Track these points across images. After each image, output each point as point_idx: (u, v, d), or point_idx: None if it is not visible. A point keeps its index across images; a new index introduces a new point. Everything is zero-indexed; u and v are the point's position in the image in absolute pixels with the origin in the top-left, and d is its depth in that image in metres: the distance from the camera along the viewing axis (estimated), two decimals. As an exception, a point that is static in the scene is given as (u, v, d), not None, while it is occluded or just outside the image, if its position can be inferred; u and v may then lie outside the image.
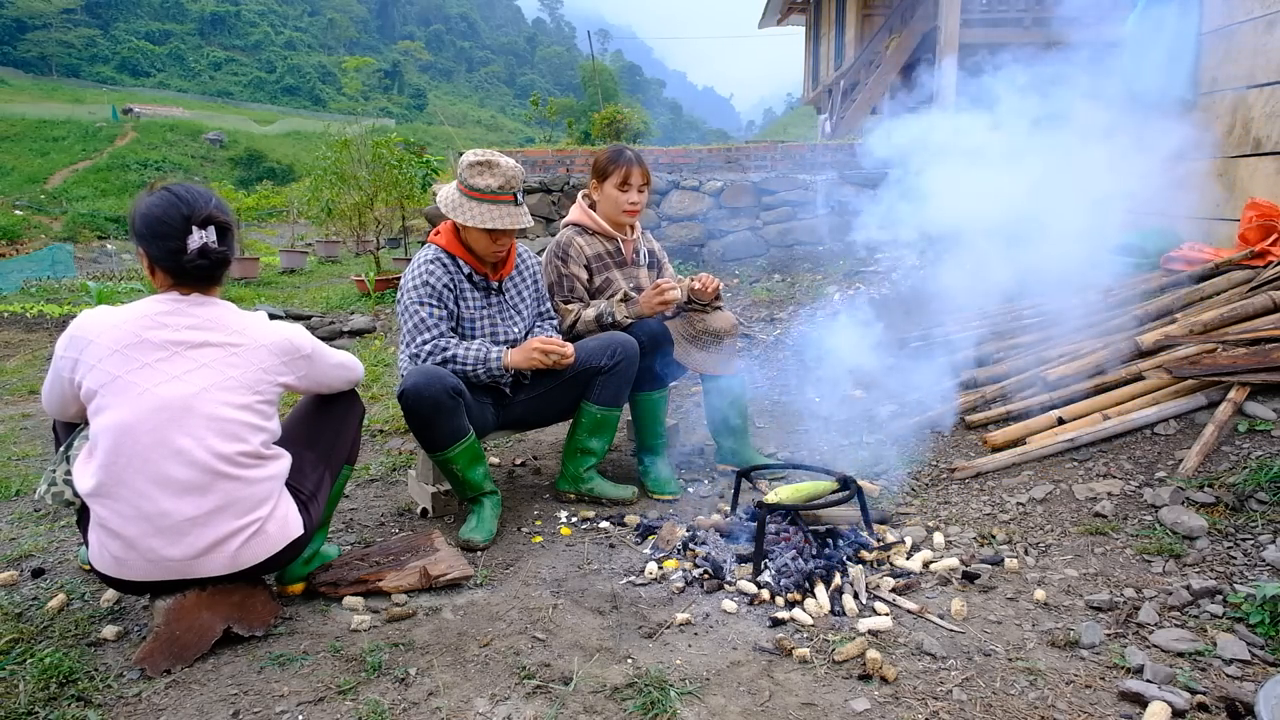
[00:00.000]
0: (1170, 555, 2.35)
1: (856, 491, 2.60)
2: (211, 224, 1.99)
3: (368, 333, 6.80)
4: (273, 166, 41.12)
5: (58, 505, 2.13)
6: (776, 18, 19.02)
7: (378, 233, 10.95)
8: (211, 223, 1.99)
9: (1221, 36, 4.60)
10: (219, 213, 2.02)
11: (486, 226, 2.71)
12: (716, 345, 3.30)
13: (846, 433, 3.58)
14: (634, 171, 3.17)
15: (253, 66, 77.35)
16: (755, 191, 6.98)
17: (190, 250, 1.96)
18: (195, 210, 1.97)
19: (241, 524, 2.00)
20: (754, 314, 5.71)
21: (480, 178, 2.71)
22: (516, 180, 2.74)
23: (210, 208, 2.00)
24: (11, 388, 5.45)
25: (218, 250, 2.00)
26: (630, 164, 3.17)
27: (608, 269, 3.26)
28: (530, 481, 3.40)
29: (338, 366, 2.30)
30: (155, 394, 1.91)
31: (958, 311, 4.62)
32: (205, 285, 2.05)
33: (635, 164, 3.18)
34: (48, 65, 63.01)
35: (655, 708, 1.78)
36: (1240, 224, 4.06)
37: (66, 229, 25.29)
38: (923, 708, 1.78)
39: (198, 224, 1.96)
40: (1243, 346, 3.07)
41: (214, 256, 1.99)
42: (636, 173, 3.18)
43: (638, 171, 3.18)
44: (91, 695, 1.86)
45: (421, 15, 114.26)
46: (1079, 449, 2.97)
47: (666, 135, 52.47)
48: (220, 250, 2.01)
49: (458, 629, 2.15)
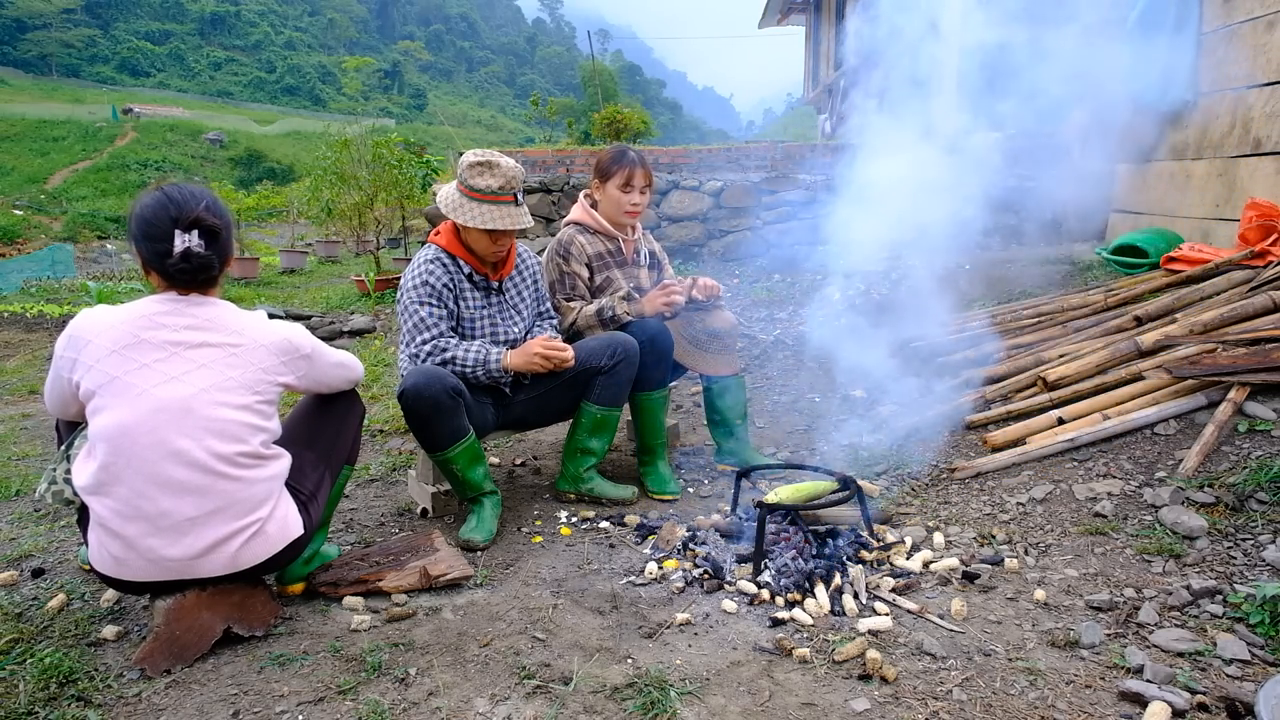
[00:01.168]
0: (1170, 555, 2.35)
1: (856, 491, 2.60)
2: (197, 227, 1.95)
3: (368, 333, 6.80)
4: (273, 166, 41.11)
5: (58, 504, 2.13)
6: (776, 18, 19.01)
7: (378, 233, 10.94)
8: (197, 225, 1.95)
9: (1221, 36, 4.60)
10: (207, 215, 1.97)
11: (487, 227, 2.71)
12: (716, 345, 3.30)
13: (846, 433, 3.58)
14: (636, 173, 3.18)
15: (253, 66, 77.35)
16: (755, 191, 6.97)
17: (174, 253, 1.93)
18: (183, 213, 1.94)
19: (241, 524, 2.00)
20: (754, 314, 5.71)
21: (481, 178, 2.71)
22: (517, 181, 2.74)
23: (198, 210, 1.96)
24: (11, 388, 5.45)
25: (200, 255, 1.95)
26: (633, 165, 3.18)
27: (608, 268, 3.26)
28: (530, 481, 3.40)
29: (337, 366, 2.30)
30: (154, 395, 1.91)
31: (958, 311, 4.62)
32: (196, 287, 2.02)
33: (638, 165, 3.19)
34: (48, 65, 63.02)
35: (655, 708, 1.78)
36: (1240, 224, 4.07)
37: (66, 229, 25.28)
38: (923, 708, 1.78)
39: (182, 227, 1.93)
40: (1243, 346, 3.07)
41: (195, 261, 1.95)
42: (639, 174, 3.18)
43: (640, 173, 3.19)
44: (91, 695, 1.86)
45: (421, 15, 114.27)
46: (1079, 449, 2.97)
47: (666, 135, 52.48)
48: (204, 255, 1.96)
49: (458, 629, 2.15)
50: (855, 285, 5.68)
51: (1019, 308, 4.44)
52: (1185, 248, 4.37)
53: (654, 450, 3.21)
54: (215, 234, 2.00)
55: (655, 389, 3.16)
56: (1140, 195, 5.39)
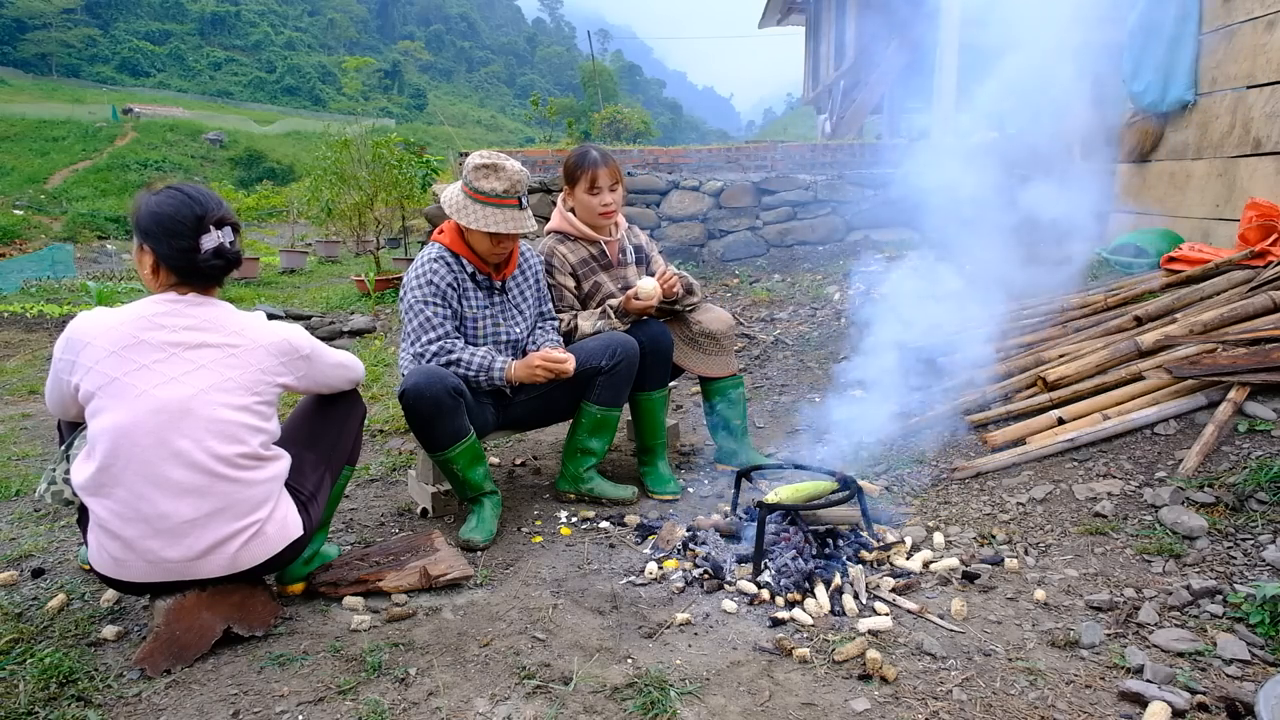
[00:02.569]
0: (1170, 555, 2.35)
1: (856, 491, 2.60)
2: (226, 224, 2.04)
3: (368, 333, 6.80)
4: (273, 166, 41.11)
5: (58, 504, 2.13)
6: (776, 18, 19.00)
7: (378, 233, 10.94)
8: (226, 223, 2.04)
9: (1221, 36, 4.60)
10: (230, 213, 2.07)
11: (490, 230, 2.71)
12: (714, 346, 3.30)
13: (847, 433, 3.58)
14: (600, 173, 3.08)
15: (253, 66, 77.34)
16: (755, 191, 6.97)
17: (205, 250, 1.98)
18: (209, 211, 2.01)
19: (240, 526, 2.00)
20: (754, 314, 5.71)
21: (486, 181, 2.71)
22: (521, 185, 2.74)
23: (223, 210, 2.05)
24: (11, 388, 5.44)
25: (233, 251, 2.05)
26: (595, 166, 3.07)
27: (595, 273, 3.23)
28: (530, 481, 3.40)
29: (337, 366, 2.30)
30: (153, 396, 1.91)
31: (958, 311, 4.62)
32: (211, 285, 2.07)
33: (601, 165, 3.08)
34: (48, 65, 63.02)
35: (655, 708, 1.78)
36: (1240, 224, 4.06)
37: (66, 229, 25.26)
38: (923, 708, 1.78)
39: (214, 224, 2.00)
40: (1243, 346, 3.07)
41: (229, 256, 2.04)
42: (603, 174, 3.08)
43: (604, 172, 3.08)
44: (91, 695, 1.86)
45: (421, 15, 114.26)
46: (1079, 449, 2.97)
47: (666, 135, 52.46)
48: (235, 251, 2.06)
49: (458, 629, 2.15)
50: (856, 285, 5.68)
51: (1019, 308, 4.44)
52: (1185, 248, 4.37)
53: (654, 450, 3.20)
54: (238, 231, 2.10)
55: (655, 389, 3.15)
56: (1140, 195, 5.39)
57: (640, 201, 6.97)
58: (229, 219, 2.05)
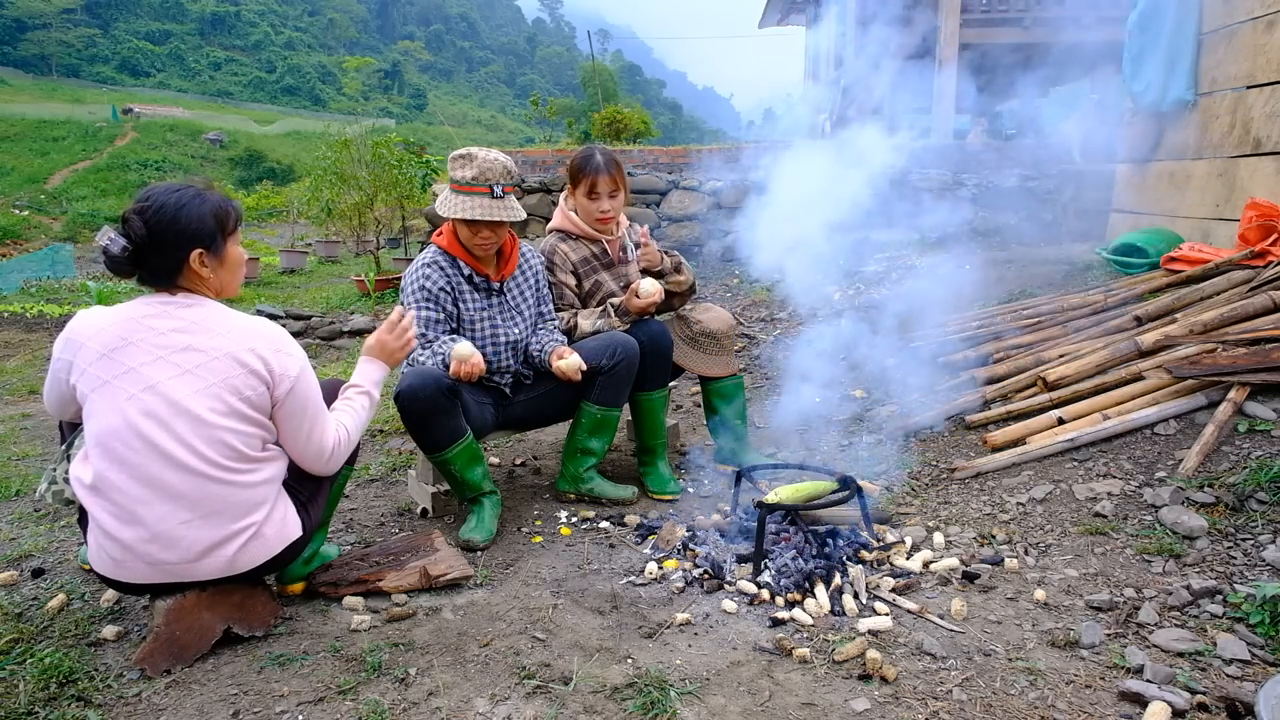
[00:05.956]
0: (1170, 555, 2.35)
1: (856, 491, 2.60)
2: (126, 220, 1.93)
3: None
4: (273, 166, 41.08)
5: (58, 504, 2.12)
6: (776, 18, 18.99)
7: (378, 233, 10.94)
8: (126, 220, 1.93)
9: (1221, 36, 4.59)
10: (136, 209, 1.93)
11: (459, 217, 2.70)
12: (714, 346, 3.30)
13: (847, 433, 3.58)
14: (600, 180, 3.04)
15: (253, 66, 77.30)
16: (755, 191, 6.97)
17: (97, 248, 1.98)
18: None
19: (237, 528, 1.99)
20: (754, 314, 5.71)
21: (459, 170, 2.72)
22: (493, 172, 2.70)
23: (136, 203, 1.94)
24: (11, 388, 5.44)
25: (114, 247, 1.91)
26: (597, 172, 3.04)
27: (596, 271, 3.23)
28: (530, 481, 3.40)
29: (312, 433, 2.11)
30: (141, 399, 1.90)
31: (958, 311, 4.62)
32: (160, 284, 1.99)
33: (602, 171, 3.04)
34: (48, 65, 62.97)
35: (655, 708, 1.78)
36: (1240, 224, 4.06)
37: (66, 229, 25.26)
38: (923, 708, 1.78)
39: (113, 221, 1.95)
40: (1243, 346, 3.07)
41: (110, 254, 1.92)
42: (604, 180, 3.04)
43: (605, 179, 3.04)
44: (91, 695, 1.86)
45: (421, 15, 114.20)
46: (1079, 449, 2.97)
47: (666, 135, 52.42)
48: (115, 250, 1.91)
49: (458, 629, 2.15)
50: (856, 285, 5.68)
51: (1019, 308, 4.44)
52: (1185, 248, 4.37)
53: (654, 450, 3.20)
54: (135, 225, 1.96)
55: (655, 389, 3.16)
56: (1140, 195, 5.39)
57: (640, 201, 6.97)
58: (129, 215, 1.92)
